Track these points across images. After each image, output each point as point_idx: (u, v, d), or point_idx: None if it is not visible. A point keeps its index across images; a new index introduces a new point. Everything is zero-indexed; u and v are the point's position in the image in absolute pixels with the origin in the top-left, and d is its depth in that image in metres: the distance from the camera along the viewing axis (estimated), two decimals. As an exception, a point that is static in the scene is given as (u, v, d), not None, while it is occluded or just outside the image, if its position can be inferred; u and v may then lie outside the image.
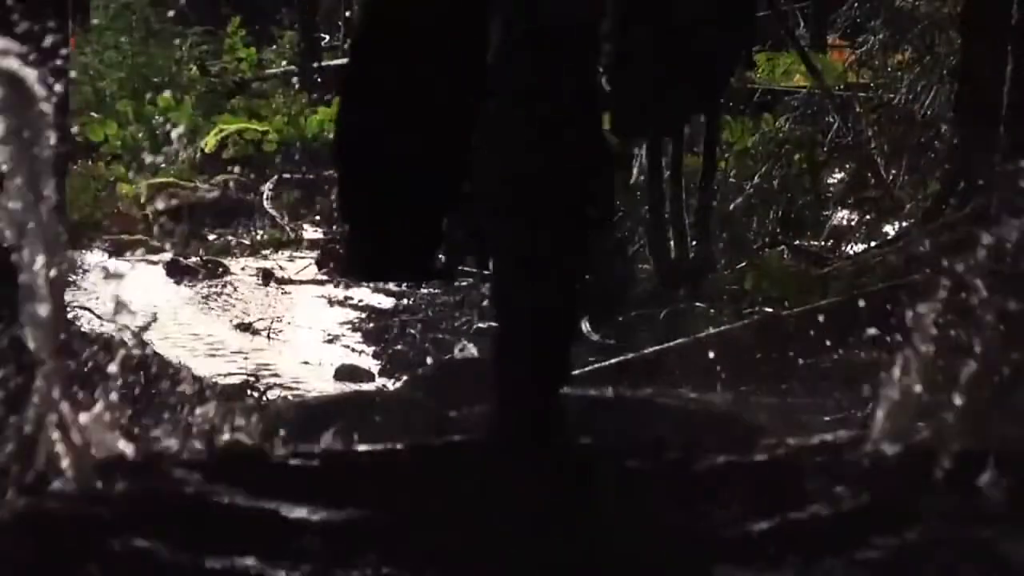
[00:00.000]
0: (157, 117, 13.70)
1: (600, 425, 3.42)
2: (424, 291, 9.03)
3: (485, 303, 8.61)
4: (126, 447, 2.43)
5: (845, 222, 9.57)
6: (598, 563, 2.08)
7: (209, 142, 13.18)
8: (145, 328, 7.47)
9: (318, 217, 12.06)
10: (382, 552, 2.07)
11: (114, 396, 2.44)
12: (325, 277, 10.05)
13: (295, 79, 15.35)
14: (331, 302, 9.35)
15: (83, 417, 2.43)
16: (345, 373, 7.42)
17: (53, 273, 2.32)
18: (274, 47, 16.80)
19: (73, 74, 10.22)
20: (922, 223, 8.15)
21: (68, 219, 7.73)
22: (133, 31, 15.27)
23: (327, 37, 17.47)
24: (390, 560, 2.06)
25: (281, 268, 10.39)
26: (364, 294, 9.27)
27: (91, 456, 2.38)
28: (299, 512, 2.20)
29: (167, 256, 10.52)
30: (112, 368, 2.51)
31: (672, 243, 9.00)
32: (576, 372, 7.08)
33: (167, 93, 14.01)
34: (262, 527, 2.17)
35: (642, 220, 9.41)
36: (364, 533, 2.15)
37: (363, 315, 8.89)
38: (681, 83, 3.77)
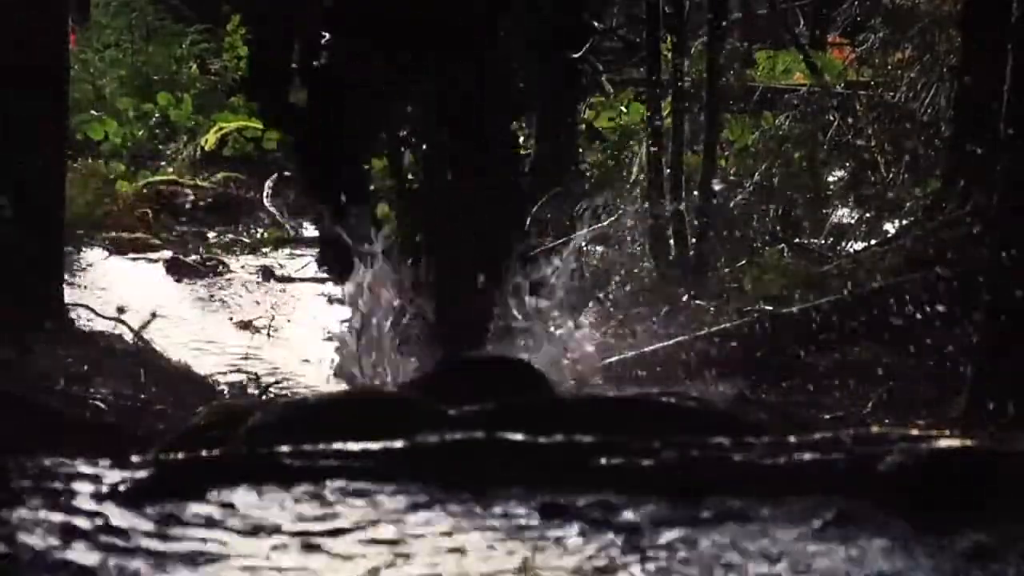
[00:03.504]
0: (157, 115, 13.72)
1: (599, 423, 3.43)
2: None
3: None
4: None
5: (845, 220, 9.57)
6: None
7: (209, 140, 13.18)
8: (145, 326, 7.49)
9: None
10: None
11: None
12: (325, 275, 10.04)
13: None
14: (331, 300, 9.34)
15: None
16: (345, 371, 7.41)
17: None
18: (274, 45, 16.77)
19: (73, 72, 10.21)
20: (922, 221, 8.16)
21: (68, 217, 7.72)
22: (133, 29, 15.27)
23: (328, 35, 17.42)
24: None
25: (281, 266, 10.39)
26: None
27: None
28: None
29: (167, 254, 10.51)
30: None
31: (672, 241, 9.22)
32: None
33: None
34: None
35: (642, 217, 9.42)
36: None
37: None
38: None
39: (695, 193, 8.92)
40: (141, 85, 14.35)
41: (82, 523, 2.15)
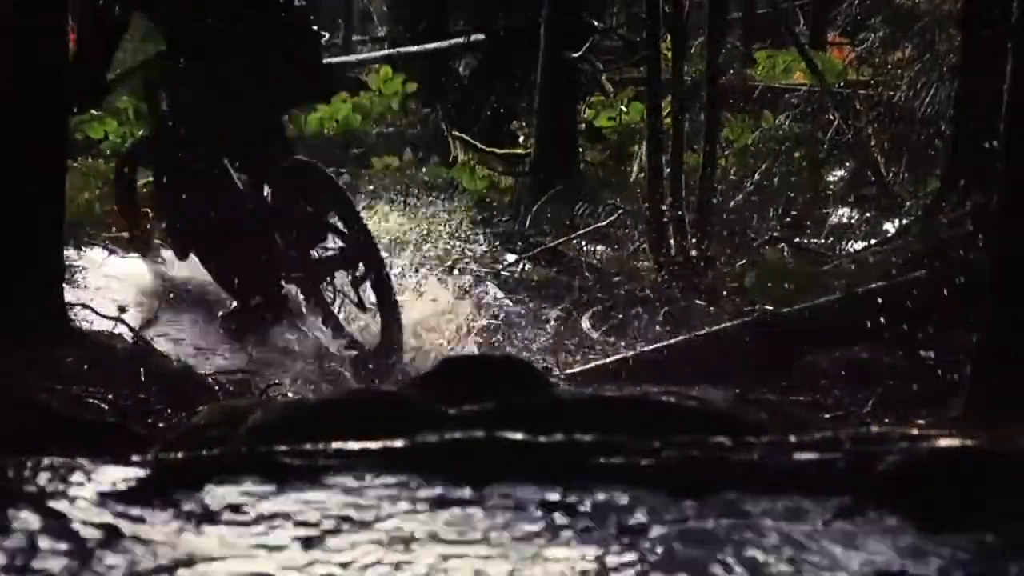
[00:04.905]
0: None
1: (599, 423, 3.43)
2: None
3: (484, 300, 8.62)
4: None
5: (845, 220, 9.58)
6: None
7: (209, 139, 13.16)
8: (145, 325, 7.50)
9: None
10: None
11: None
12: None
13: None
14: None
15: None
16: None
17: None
18: (274, 44, 16.74)
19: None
20: (922, 221, 8.16)
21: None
22: (133, 29, 15.24)
23: (327, 35, 17.44)
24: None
25: (281, 266, 10.35)
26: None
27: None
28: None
29: (167, 254, 10.48)
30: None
31: (672, 240, 9.27)
32: (577, 369, 7.12)
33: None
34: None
35: (642, 217, 9.43)
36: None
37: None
38: None
39: (695, 194, 8.93)
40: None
41: (82, 523, 2.15)
